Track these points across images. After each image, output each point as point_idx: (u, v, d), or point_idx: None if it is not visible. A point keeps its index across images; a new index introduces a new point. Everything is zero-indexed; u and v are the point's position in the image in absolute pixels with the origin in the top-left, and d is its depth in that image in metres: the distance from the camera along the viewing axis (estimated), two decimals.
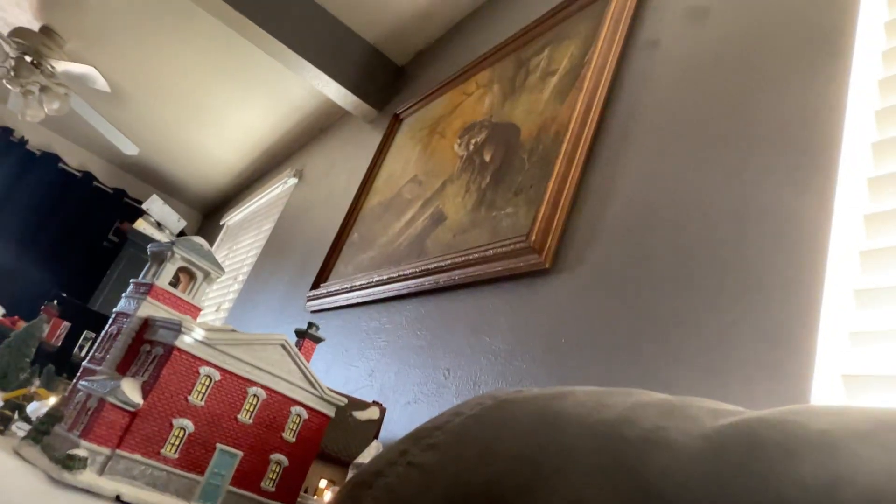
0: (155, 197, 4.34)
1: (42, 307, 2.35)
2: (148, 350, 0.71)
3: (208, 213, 5.11)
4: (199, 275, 0.79)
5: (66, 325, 2.43)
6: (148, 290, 0.75)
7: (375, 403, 1.05)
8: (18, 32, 3.11)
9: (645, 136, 1.07)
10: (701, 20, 1.11)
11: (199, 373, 0.68)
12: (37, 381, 1.38)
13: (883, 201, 0.70)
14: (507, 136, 1.46)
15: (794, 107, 0.84)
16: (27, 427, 0.80)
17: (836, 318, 0.66)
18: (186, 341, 0.67)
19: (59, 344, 2.38)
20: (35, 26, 3.21)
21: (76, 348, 2.45)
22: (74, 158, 4.66)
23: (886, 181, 0.70)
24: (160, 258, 0.77)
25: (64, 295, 2.51)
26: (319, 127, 3.28)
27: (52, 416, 0.70)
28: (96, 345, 0.79)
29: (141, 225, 4.28)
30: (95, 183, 4.69)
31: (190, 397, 0.67)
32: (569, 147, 1.17)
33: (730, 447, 0.38)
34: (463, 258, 1.28)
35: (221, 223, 4.15)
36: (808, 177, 0.76)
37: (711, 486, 0.35)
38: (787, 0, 0.96)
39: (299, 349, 0.79)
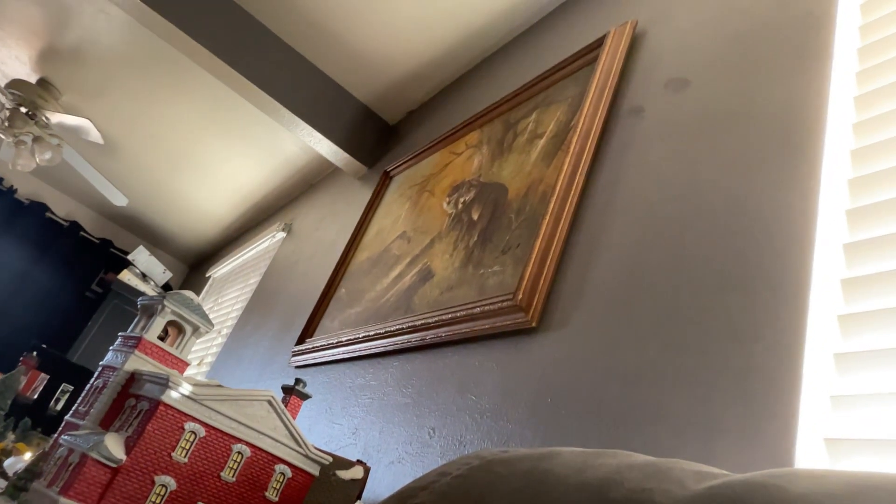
0: (141, 248, 4.33)
1: (21, 358, 2.31)
2: (133, 404, 0.70)
3: (194, 265, 5.09)
4: (189, 329, 0.79)
5: (43, 377, 2.38)
6: (136, 343, 0.75)
7: (359, 462, 1.04)
8: (15, 84, 3.16)
9: (630, 199, 1.10)
10: (682, 90, 1.16)
11: (184, 428, 0.67)
12: (11, 435, 1.35)
13: (859, 266, 0.72)
14: (496, 196, 1.49)
15: (776, 174, 0.87)
16: (3, 482, 0.78)
17: (818, 382, 0.67)
18: (173, 396, 0.66)
19: (36, 396, 2.33)
20: (33, 79, 3.26)
21: (52, 401, 2.40)
22: (62, 208, 4.67)
23: (860, 247, 0.72)
24: (150, 311, 0.78)
25: (44, 346, 2.47)
26: (309, 182, 3.32)
27: (31, 472, 0.68)
28: (80, 398, 0.78)
29: (126, 276, 4.25)
30: (82, 233, 4.68)
31: (174, 454, 0.66)
32: (555, 208, 1.20)
33: None
34: (450, 315, 1.28)
35: (207, 275, 4.13)
36: (787, 247, 0.79)
37: None
38: (764, 64, 1.01)
39: (286, 405, 0.79)
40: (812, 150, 0.84)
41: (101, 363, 0.80)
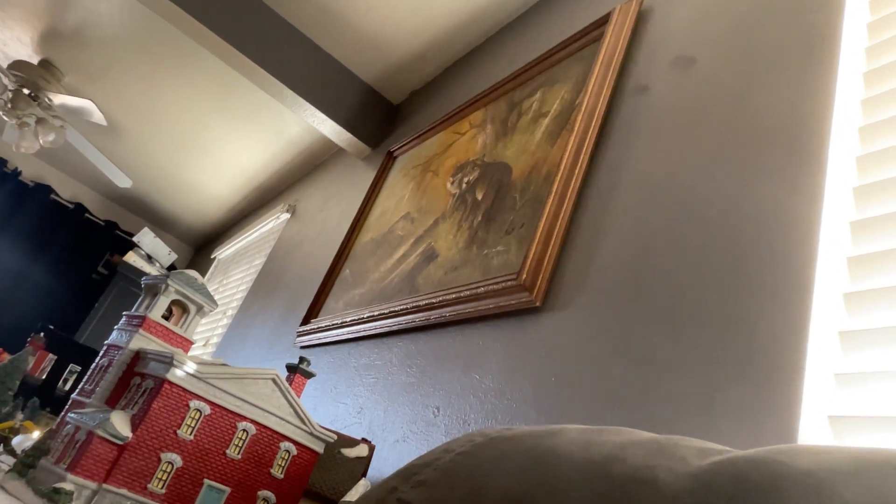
0: (146, 230, 4.34)
1: (28, 339, 2.33)
2: (138, 383, 0.71)
3: (199, 247, 5.10)
4: (193, 308, 0.79)
5: (51, 357, 2.40)
6: (140, 322, 0.75)
7: (364, 441, 1.05)
8: (17, 65, 3.15)
9: (634, 180, 1.09)
10: (688, 68, 1.14)
11: (189, 406, 0.67)
12: (20, 415, 1.36)
13: (865, 244, 0.72)
14: (500, 176, 1.49)
15: (781, 157, 0.86)
16: (12, 460, 0.79)
17: (822, 360, 0.67)
18: (178, 374, 0.67)
19: (44, 377, 2.35)
20: (35, 60, 3.25)
21: (60, 382, 2.42)
22: (67, 190, 4.67)
23: (869, 224, 0.72)
24: (154, 291, 0.78)
25: (51, 327, 2.48)
26: (313, 163, 3.31)
27: (39, 449, 0.69)
28: (86, 377, 0.78)
29: (131, 258, 4.26)
30: (87, 215, 4.69)
31: (179, 431, 0.67)
32: (559, 187, 1.19)
33: (716, 486, 0.38)
34: (454, 295, 1.28)
35: (213, 257, 4.15)
36: (794, 221, 0.78)
37: None
38: (771, 51, 1.00)
39: (290, 384, 0.79)
40: (819, 131, 0.83)
41: (105, 342, 0.81)
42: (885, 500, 0.32)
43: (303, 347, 1.92)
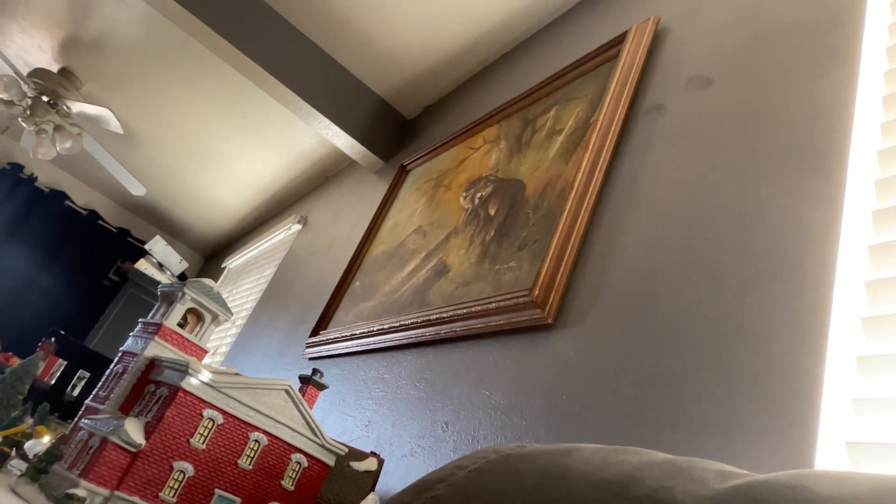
0: (158, 238, 4.37)
1: (39, 344, 2.34)
2: (153, 390, 0.71)
3: (210, 256, 5.13)
4: (208, 317, 0.79)
5: (61, 362, 2.41)
6: (156, 329, 0.76)
7: (373, 454, 1.04)
8: (37, 73, 3.19)
9: (649, 198, 1.09)
10: (704, 88, 1.14)
11: (202, 415, 0.67)
12: (29, 420, 1.36)
13: (884, 268, 0.71)
14: (513, 192, 1.49)
15: (798, 176, 0.86)
16: (24, 465, 0.79)
17: (840, 384, 0.67)
18: (192, 383, 0.67)
19: (53, 382, 2.36)
20: (54, 68, 3.30)
21: (69, 387, 2.43)
22: (81, 197, 4.72)
23: (889, 247, 0.71)
24: (170, 298, 0.78)
25: (62, 332, 2.49)
26: (326, 175, 3.33)
27: (52, 455, 0.69)
28: (101, 383, 0.78)
29: (143, 265, 4.29)
30: (100, 222, 4.73)
31: (192, 440, 0.67)
32: (573, 205, 1.19)
33: None
34: (465, 310, 1.28)
35: (223, 266, 4.16)
36: (811, 243, 0.78)
37: None
38: (787, 70, 1.00)
39: (303, 395, 0.79)
40: (837, 151, 0.83)
41: (121, 349, 0.81)
42: None
43: (311, 359, 1.92)
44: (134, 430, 0.64)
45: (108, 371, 0.79)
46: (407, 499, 0.56)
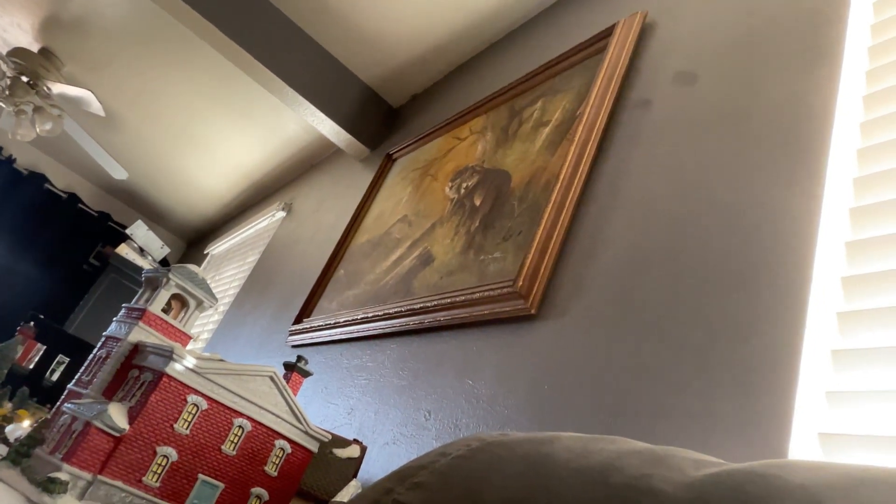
0: (140, 222, 4.32)
1: (18, 328, 2.31)
2: (136, 375, 0.71)
3: (193, 242, 5.08)
4: (192, 303, 0.79)
5: (40, 347, 2.38)
6: (140, 315, 0.75)
7: (356, 442, 1.05)
8: (17, 52, 3.13)
9: (633, 192, 1.10)
10: (690, 84, 1.15)
11: (186, 401, 0.67)
12: (8, 404, 1.35)
13: (859, 265, 0.73)
14: (499, 182, 1.50)
15: (780, 172, 0.87)
16: (4, 449, 0.79)
17: (814, 378, 0.68)
18: (177, 368, 0.67)
19: (32, 367, 2.34)
20: (35, 48, 3.24)
21: (48, 372, 2.40)
22: (61, 179, 4.65)
23: (862, 245, 0.73)
24: (155, 284, 0.78)
25: (41, 316, 2.46)
26: (311, 162, 3.31)
27: (33, 439, 0.69)
28: (84, 368, 0.78)
29: (123, 250, 4.24)
30: (80, 205, 4.66)
31: (176, 425, 0.67)
32: (559, 196, 1.20)
33: (713, 498, 0.39)
34: (449, 300, 1.29)
35: (206, 252, 4.13)
36: (791, 239, 0.79)
37: None
38: (773, 67, 1.01)
39: (287, 382, 0.79)
40: (817, 148, 0.85)
41: (104, 333, 0.81)
42: None
43: (294, 346, 1.92)
44: (117, 415, 0.64)
45: (91, 355, 0.79)
46: (390, 485, 0.57)
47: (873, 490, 0.36)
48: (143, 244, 4.28)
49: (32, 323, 2.35)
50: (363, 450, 1.03)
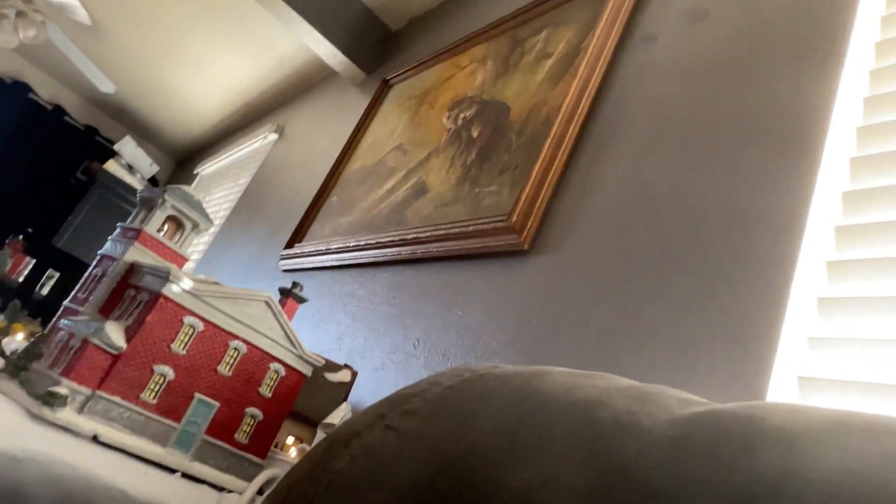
0: (128, 138, 4.23)
1: (6, 241, 2.30)
2: (133, 295, 0.71)
3: (182, 161, 5.01)
4: (188, 225, 0.79)
5: (29, 260, 2.38)
6: (136, 235, 0.75)
7: (347, 367, 1.07)
8: None
9: (634, 129, 1.09)
10: (700, 20, 1.12)
11: (182, 322, 0.68)
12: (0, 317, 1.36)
13: (855, 215, 0.73)
14: (497, 115, 1.47)
15: (785, 109, 0.87)
16: (1, 362, 0.80)
17: (799, 324, 0.70)
18: (173, 290, 0.67)
19: (21, 280, 2.34)
20: None
21: (38, 286, 2.41)
22: (45, 90, 4.51)
23: (860, 196, 0.73)
24: (150, 204, 0.77)
25: (29, 230, 2.45)
26: (304, 85, 3.23)
27: (30, 353, 0.70)
28: (79, 285, 0.78)
29: (112, 166, 4.18)
30: (66, 118, 4.55)
31: (172, 345, 0.68)
32: (558, 131, 1.19)
33: (696, 436, 0.40)
34: (442, 231, 1.29)
35: (196, 172, 4.08)
36: (787, 182, 0.79)
37: (677, 470, 0.38)
38: (786, 8, 0.98)
39: (282, 307, 0.80)
40: (827, 83, 0.83)
41: (99, 252, 0.81)
42: (853, 459, 0.34)
43: (286, 271, 1.93)
44: (115, 333, 0.65)
45: (86, 274, 0.79)
46: (383, 411, 0.58)
47: (847, 435, 0.37)
48: (132, 161, 4.22)
49: (21, 237, 2.34)
50: (354, 375, 1.06)
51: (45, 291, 2.40)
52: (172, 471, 0.69)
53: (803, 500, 0.32)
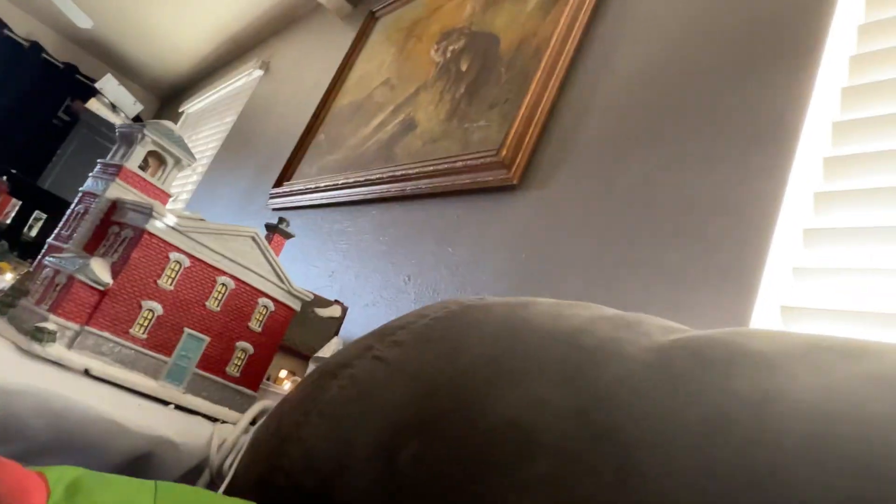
0: (109, 76, 4.12)
1: None
2: (117, 232, 0.71)
3: (166, 99, 4.90)
4: (170, 161, 0.78)
5: (15, 202, 2.35)
6: (117, 171, 0.74)
7: (337, 302, 1.08)
8: None
9: (624, 61, 1.07)
10: None
11: (168, 258, 0.68)
12: None
13: (842, 145, 0.73)
14: (486, 47, 1.44)
15: (772, 46, 0.85)
16: None
17: (784, 254, 0.70)
18: (157, 226, 0.67)
19: (9, 221, 2.32)
20: None
21: (26, 227, 2.39)
22: (21, 26, 4.35)
23: (850, 126, 0.73)
24: (130, 140, 0.76)
25: (14, 171, 2.41)
26: (289, 18, 3.13)
27: (18, 290, 0.70)
28: (62, 223, 0.78)
29: (94, 105, 4.08)
30: (44, 55, 4.41)
31: (159, 281, 0.68)
32: (548, 64, 1.16)
33: (677, 361, 0.41)
34: (431, 167, 1.28)
35: (181, 110, 4.00)
36: (775, 124, 0.78)
37: (659, 394, 0.39)
38: None
39: (269, 243, 0.80)
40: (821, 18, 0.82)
41: (80, 189, 0.79)
42: (829, 380, 0.35)
43: (275, 210, 1.92)
44: (100, 269, 0.64)
45: (68, 211, 0.78)
46: (370, 342, 0.59)
47: (821, 356, 0.38)
48: (114, 99, 4.12)
49: (5, 178, 2.30)
50: (344, 310, 1.07)
51: (33, 233, 2.39)
52: (166, 403, 0.70)
53: (783, 421, 0.33)
